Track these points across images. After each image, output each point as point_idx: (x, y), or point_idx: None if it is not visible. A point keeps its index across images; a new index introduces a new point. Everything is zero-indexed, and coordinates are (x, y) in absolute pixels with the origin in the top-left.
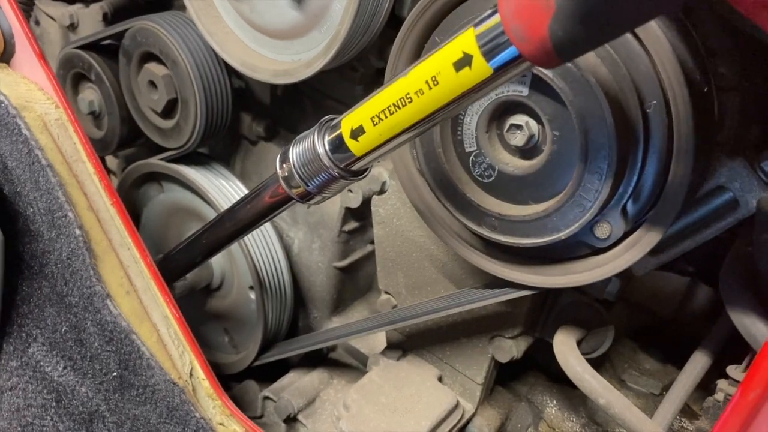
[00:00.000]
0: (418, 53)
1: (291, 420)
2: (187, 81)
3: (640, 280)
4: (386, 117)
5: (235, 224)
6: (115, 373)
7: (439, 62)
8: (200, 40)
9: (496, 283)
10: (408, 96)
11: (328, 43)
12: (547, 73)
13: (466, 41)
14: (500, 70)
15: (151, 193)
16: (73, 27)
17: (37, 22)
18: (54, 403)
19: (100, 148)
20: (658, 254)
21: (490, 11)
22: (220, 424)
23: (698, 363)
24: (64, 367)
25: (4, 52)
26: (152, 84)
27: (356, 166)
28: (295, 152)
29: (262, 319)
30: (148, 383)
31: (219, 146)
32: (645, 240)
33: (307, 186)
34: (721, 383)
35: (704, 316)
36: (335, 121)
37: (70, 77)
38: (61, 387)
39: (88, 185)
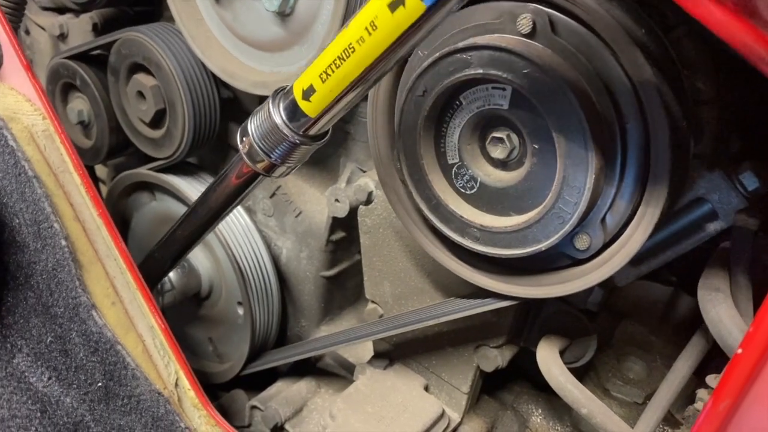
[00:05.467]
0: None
1: (278, 429)
2: (175, 91)
3: (624, 290)
4: (333, 71)
5: (207, 211)
6: (100, 384)
7: (374, 7)
8: (188, 51)
9: (480, 293)
10: (351, 46)
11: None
12: (526, 89)
13: None
14: (434, 6)
15: (141, 201)
16: (63, 37)
17: (27, 32)
18: (39, 414)
19: (89, 157)
20: (639, 265)
21: None
22: None
23: (680, 372)
24: (49, 378)
25: None
26: (141, 95)
27: (314, 130)
28: (254, 126)
29: (249, 328)
30: (132, 393)
31: (208, 156)
32: (624, 251)
33: (270, 157)
34: (701, 392)
35: (687, 325)
36: (288, 88)
37: (60, 87)
38: (45, 397)
39: (75, 196)
